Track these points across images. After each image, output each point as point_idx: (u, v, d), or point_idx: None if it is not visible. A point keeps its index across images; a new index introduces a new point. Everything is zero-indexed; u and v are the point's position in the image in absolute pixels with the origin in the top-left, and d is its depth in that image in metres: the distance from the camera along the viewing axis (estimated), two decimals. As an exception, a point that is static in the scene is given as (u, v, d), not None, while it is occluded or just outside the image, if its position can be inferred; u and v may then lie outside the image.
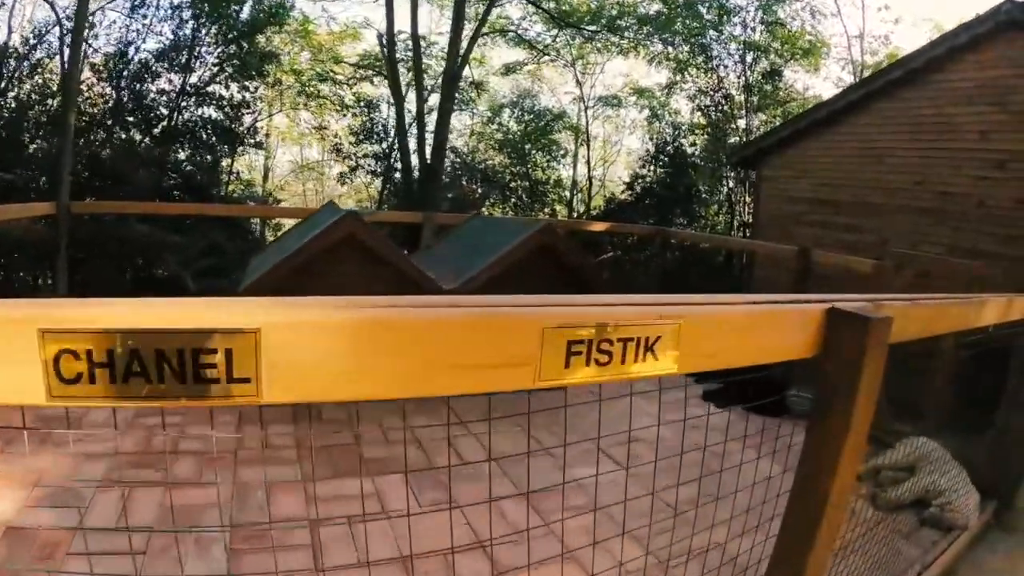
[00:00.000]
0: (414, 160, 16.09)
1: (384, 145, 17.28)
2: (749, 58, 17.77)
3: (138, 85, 13.12)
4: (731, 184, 17.87)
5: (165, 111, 13.63)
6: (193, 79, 14.06)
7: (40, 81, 12.01)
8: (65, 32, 9.78)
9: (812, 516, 1.73)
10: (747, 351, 1.53)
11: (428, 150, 15.42)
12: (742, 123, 17.88)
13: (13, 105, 11.14)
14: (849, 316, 1.57)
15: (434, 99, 16.74)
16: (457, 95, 19.67)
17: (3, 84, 11.11)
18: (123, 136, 12.87)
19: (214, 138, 14.39)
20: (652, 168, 17.56)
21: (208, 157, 14.12)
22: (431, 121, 15.84)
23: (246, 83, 15.09)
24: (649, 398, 5.72)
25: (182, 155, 13.63)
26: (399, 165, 16.67)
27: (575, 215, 19.56)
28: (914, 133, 8.38)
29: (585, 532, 3.17)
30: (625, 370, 1.29)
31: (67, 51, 8.19)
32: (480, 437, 4.61)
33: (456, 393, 1.07)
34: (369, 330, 1.05)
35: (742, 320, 1.50)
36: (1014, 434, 4.36)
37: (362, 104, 17.88)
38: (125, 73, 12.87)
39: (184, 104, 13.97)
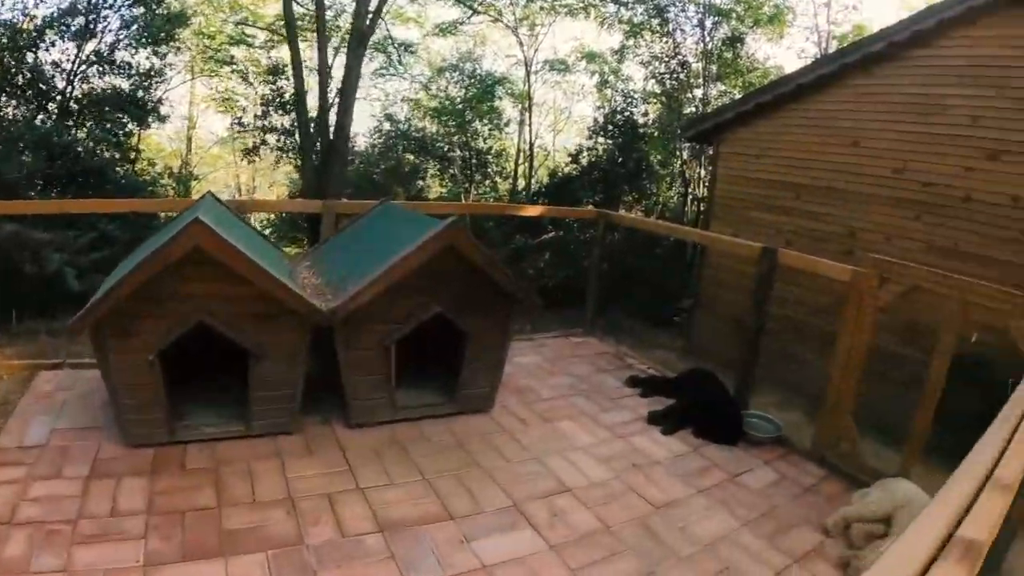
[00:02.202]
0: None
1: (289, 118, 15.87)
2: (709, 23, 16.95)
3: (30, 56, 11.87)
4: (685, 157, 17.18)
5: (61, 84, 12.41)
6: (93, 46, 12.82)
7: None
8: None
9: None
10: None
11: (333, 122, 14.11)
12: (699, 92, 17.10)
13: None
14: None
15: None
16: (385, 58, 18.60)
17: None
18: (15, 115, 11.72)
19: (118, 112, 13.15)
20: (601, 139, 16.74)
21: (113, 134, 12.87)
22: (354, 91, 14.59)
23: (156, 48, 13.90)
24: (581, 422, 5.03)
25: (82, 133, 12.36)
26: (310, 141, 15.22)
27: (518, 189, 18.72)
28: (895, 115, 7.75)
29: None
30: None
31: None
32: (371, 493, 3.82)
33: None
34: None
35: None
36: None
37: (269, 72, 16.45)
38: (13, 43, 11.58)
39: (83, 75, 12.79)
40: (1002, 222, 6.76)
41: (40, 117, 11.98)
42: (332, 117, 14.13)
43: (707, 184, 12.65)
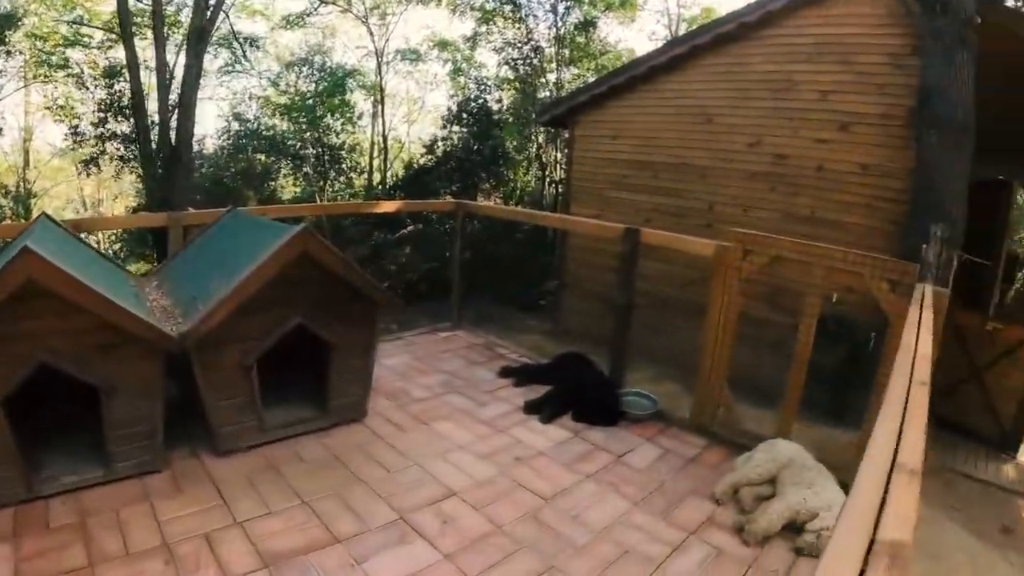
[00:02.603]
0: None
1: (129, 124, 14.62)
2: (561, 8, 17.15)
3: None
4: (541, 141, 17.32)
5: None
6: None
7: None
8: None
9: None
10: None
11: (175, 126, 13.18)
12: (552, 77, 17.31)
13: None
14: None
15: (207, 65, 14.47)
16: (230, 54, 17.85)
17: None
18: None
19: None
20: (455, 128, 16.64)
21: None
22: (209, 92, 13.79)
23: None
24: (458, 420, 4.89)
25: None
26: (153, 148, 13.96)
27: (374, 183, 18.38)
28: (747, 92, 8.01)
29: None
30: None
31: None
32: (251, 526, 3.51)
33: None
34: None
35: None
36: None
37: (105, 74, 15.16)
38: None
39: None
40: (853, 188, 7.10)
41: None
42: (175, 120, 13.25)
43: (564, 167, 12.75)
